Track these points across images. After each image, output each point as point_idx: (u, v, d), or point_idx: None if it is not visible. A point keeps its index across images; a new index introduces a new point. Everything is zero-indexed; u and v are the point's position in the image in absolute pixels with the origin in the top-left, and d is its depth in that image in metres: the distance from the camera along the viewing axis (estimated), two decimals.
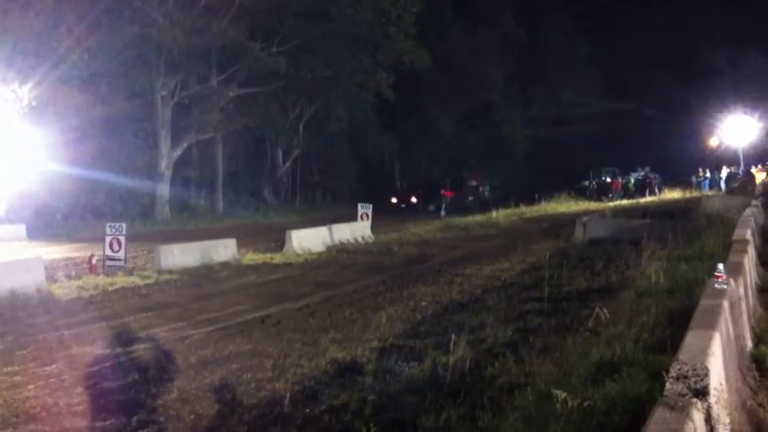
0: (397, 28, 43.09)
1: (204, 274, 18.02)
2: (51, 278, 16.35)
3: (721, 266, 7.53)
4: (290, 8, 39.54)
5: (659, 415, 4.00)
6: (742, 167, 44.51)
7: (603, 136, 59.78)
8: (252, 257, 21.01)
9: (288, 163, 50.62)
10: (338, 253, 22.77)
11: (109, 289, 15.68)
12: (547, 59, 61.80)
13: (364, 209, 29.47)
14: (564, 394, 5.75)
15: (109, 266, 18.07)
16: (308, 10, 39.92)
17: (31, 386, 8.43)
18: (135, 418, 7.26)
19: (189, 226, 35.27)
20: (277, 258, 21.08)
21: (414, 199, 48.14)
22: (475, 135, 59.03)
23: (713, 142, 49.44)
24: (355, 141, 54.72)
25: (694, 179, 48.23)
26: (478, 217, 34.57)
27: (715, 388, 4.57)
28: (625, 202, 41.88)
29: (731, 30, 52.70)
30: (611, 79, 61.81)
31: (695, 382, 4.42)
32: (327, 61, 42.72)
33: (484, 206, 43.07)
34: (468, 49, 55.14)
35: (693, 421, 3.98)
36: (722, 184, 43.69)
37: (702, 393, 4.35)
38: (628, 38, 60.85)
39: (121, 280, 16.58)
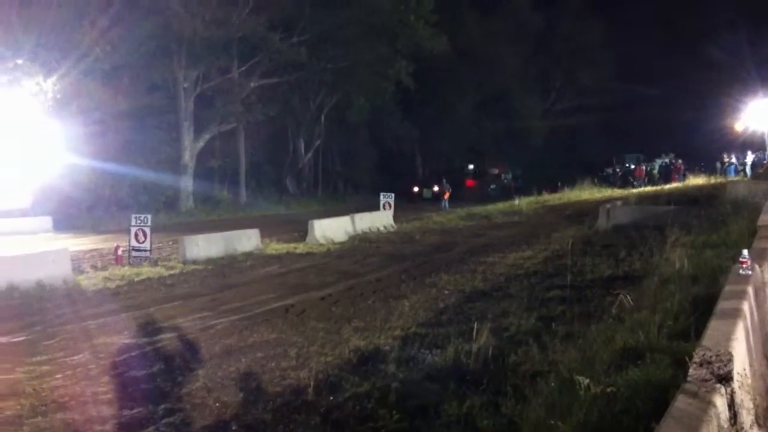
0: (415, 16, 43.02)
1: (228, 264, 18.17)
2: (77, 269, 16.59)
3: (745, 252, 7.48)
4: None
5: (682, 400, 3.99)
6: None
7: (624, 123, 59.31)
8: (275, 247, 21.12)
9: (310, 154, 50.72)
10: (361, 242, 22.84)
11: (135, 279, 15.85)
12: (562, 45, 61.43)
13: (387, 198, 29.52)
14: (587, 381, 5.73)
15: (134, 257, 18.28)
16: None
17: (59, 375, 8.55)
18: (161, 406, 7.35)
19: (212, 217, 35.52)
20: (301, 248, 21.17)
21: (436, 188, 48.04)
22: (494, 122, 58.85)
23: (738, 126, 48.70)
24: (376, 130, 54.69)
25: (718, 165, 47.62)
26: (501, 206, 34.48)
27: (738, 374, 4.55)
28: (649, 188, 41.45)
29: (753, 10, 52.07)
30: (630, 64, 61.22)
31: (719, 368, 4.41)
32: (347, 50, 42.76)
33: (506, 194, 42.92)
34: (485, 35, 54.90)
35: (716, 407, 3.97)
36: (748, 170, 43.10)
37: (725, 378, 4.34)
38: (646, 22, 60.37)
39: (146, 271, 16.76)
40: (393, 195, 29.82)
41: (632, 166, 50.21)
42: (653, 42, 60.49)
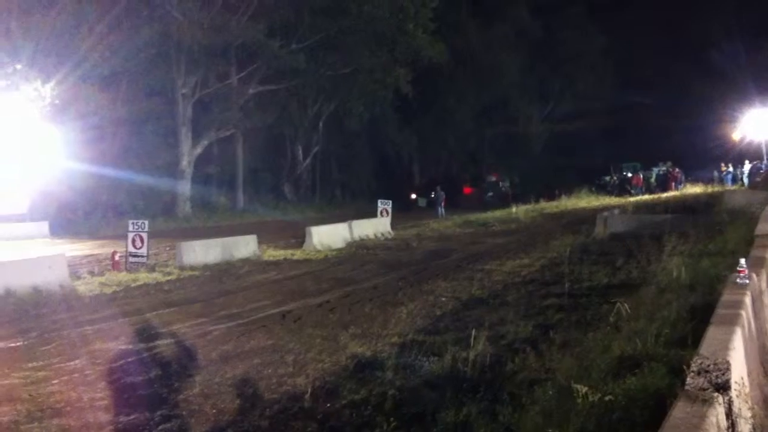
0: (414, 24, 43.15)
1: (225, 270, 18.14)
2: (74, 275, 16.56)
3: (743, 261, 7.48)
4: (309, 5, 39.70)
5: (680, 409, 3.98)
6: (765, 161, 43.98)
7: (622, 131, 59.50)
8: (272, 253, 21.10)
9: (308, 160, 50.81)
10: (358, 249, 22.84)
11: (132, 285, 15.84)
12: (561, 52, 61.61)
13: (384, 205, 29.56)
14: (584, 389, 5.72)
15: (131, 263, 18.25)
16: (327, 6, 40.14)
17: (55, 381, 8.52)
18: (158, 412, 7.31)
19: (210, 223, 35.55)
20: (298, 254, 21.17)
21: (433, 195, 48.10)
22: (493, 130, 58.98)
23: (736, 135, 48.84)
24: (374, 137, 54.82)
25: (716, 174, 47.78)
26: (498, 213, 34.48)
27: (736, 383, 4.54)
28: (646, 197, 41.55)
29: (751, 21, 52.30)
30: (628, 72, 61.47)
31: (716, 377, 4.40)
32: (346, 57, 42.92)
33: (503, 202, 42.96)
34: (484, 42, 55.06)
35: (714, 416, 3.96)
36: (745, 179, 43.21)
37: (723, 387, 4.33)
38: (645, 31, 60.49)
39: (143, 277, 16.74)
40: (390, 202, 29.85)
41: (629, 175, 50.29)
42: (652, 50, 60.70)
